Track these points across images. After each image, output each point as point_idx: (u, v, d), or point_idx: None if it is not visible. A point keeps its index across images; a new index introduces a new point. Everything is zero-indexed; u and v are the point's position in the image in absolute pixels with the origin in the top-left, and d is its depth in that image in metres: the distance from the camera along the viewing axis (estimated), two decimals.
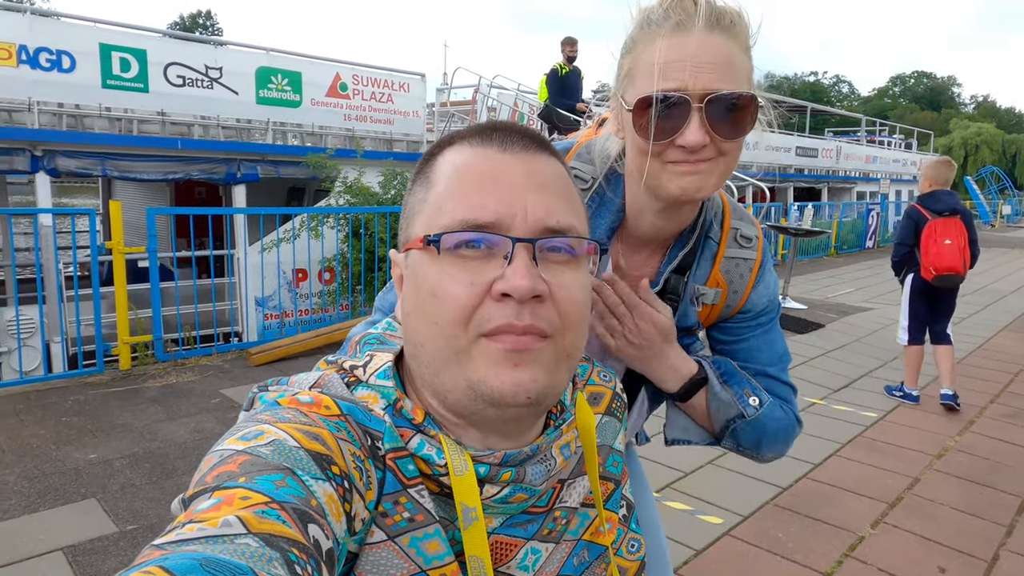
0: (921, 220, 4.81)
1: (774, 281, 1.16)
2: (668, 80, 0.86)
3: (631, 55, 0.93)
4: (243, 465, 0.49)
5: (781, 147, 15.95)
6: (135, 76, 6.68)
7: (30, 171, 6.11)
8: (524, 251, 0.59)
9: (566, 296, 0.61)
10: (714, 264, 1.10)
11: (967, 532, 3.20)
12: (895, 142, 25.75)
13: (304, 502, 0.48)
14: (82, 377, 4.97)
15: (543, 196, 0.62)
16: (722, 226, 1.11)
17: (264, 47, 7.83)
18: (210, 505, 0.45)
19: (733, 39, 0.88)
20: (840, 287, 10.71)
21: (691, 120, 0.86)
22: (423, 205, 0.64)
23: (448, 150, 0.66)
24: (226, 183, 7.40)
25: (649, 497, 1.41)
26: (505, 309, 0.58)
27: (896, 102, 70.41)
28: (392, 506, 0.59)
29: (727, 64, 0.87)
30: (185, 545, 0.41)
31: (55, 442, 3.83)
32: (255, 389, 0.64)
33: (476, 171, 0.62)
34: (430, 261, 0.61)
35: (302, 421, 0.55)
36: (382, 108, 8.64)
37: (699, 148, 0.88)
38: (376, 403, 0.63)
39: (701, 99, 0.86)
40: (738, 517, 3.26)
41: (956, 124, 50.13)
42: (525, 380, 0.59)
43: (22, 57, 6.02)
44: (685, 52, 0.86)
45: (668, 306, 1.06)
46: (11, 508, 3.09)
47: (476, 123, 0.68)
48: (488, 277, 0.59)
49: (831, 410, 4.87)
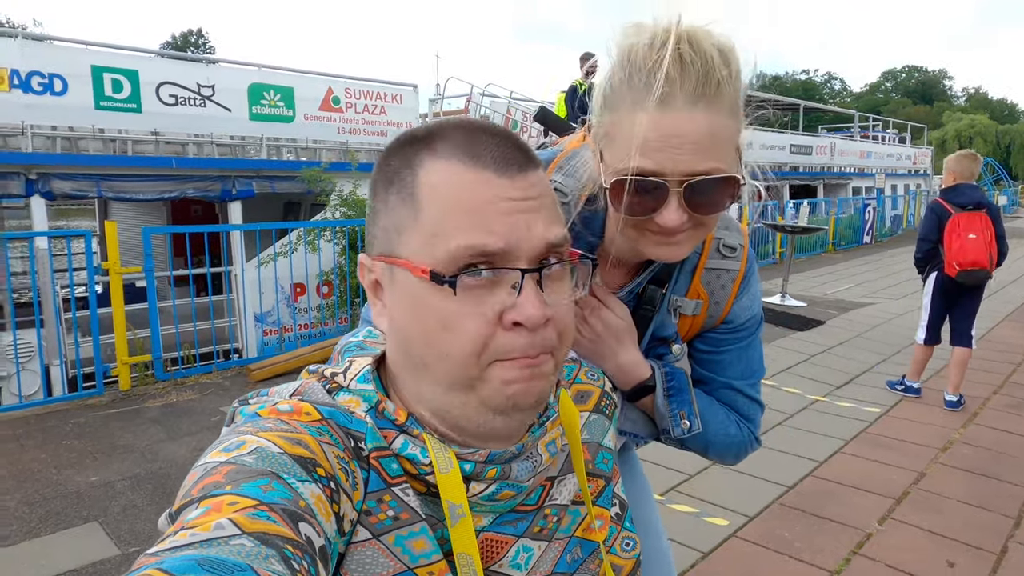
0: (944, 214, 4.68)
1: (758, 293, 1.16)
2: (647, 159, 0.83)
3: (611, 113, 0.89)
4: (228, 474, 0.49)
5: (776, 145, 15.98)
6: (128, 97, 6.69)
7: (25, 195, 6.12)
8: (532, 280, 0.60)
9: (563, 315, 0.63)
10: (695, 275, 1.09)
11: (975, 525, 3.18)
12: (889, 137, 25.79)
13: (292, 503, 0.48)
14: (82, 399, 4.96)
15: (541, 216, 0.62)
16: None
17: (256, 63, 7.86)
18: (199, 513, 0.45)
19: (718, 109, 0.83)
20: (839, 283, 10.71)
21: (669, 202, 0.85)
22: (413, 224, 0.61)
23: (430, 159, 0.62)
24: (222, 200, 7.40)
25: (650, 500, 1.40)
26: (518, 339, 0.59)
27: (888, 97, 70.63)
28: (376, 504, 0.59)
29: (710, 142, 0.83)
30: (180, 551, 0.41)
31: (56, 466, 3.81)
32: (235, 404, 0.63)
33: (475, 199, 0.60)
34: (433, 292, 0.59)
35: (283, 429, 0.56)
36: (375, 120, 8.66)
37: (676, 229, 0.87)
38: (358, 406, 0.63)
39: (680, 183, 0.84)
40: (744, 518, 3.24)
41: (949, 117, 50.30)
42: (535, 388, 0.61)
43: (14, 81, 6.04)
44: (666, 131, 0.82)
45: (624, 306, 1.06)
46: (12, 534, 3.07)
47: (454, 122, 0.65)
48: (497, 307, 0.59)
49: (834, 407, 4.86)
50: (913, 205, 21.25)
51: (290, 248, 6.54)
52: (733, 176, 0.86)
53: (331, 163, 7.62)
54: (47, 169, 6.17)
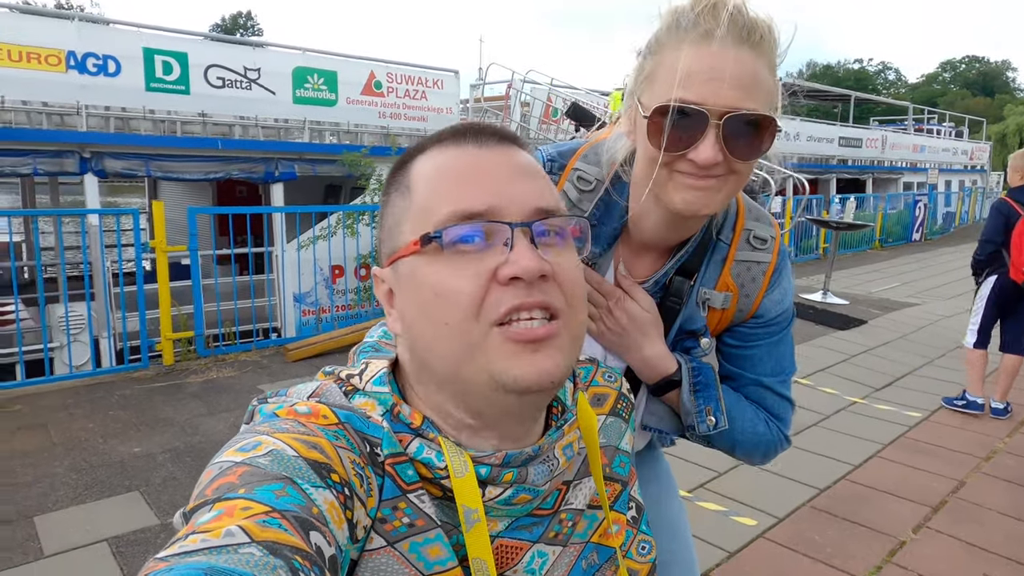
0: (1013, 215, 4.39)
1: (790, 288, 1.13)
2: (689, 91, 0.84)
3: (654, 56, 0.90)
4: (242, 476, 0.49)
5: (823, 137, 15.53)
6: (177, 79, 6.85)
7: (79, 172, 6.33)
8: (523, 234, 0.59)
9: (567, 275, 0.61)
10: (724, 267, 1.07)
11: (1016, 538, 3.09)
12: (945, 130, 24.81)
13: (305, 510, 0.48)
14: (128, 372, 5.15)
15: (527, 181, 0.63)
16: (734, 228, 1.08)
17: (300, 47, 7.94)
18: (211, 517, 0.45)
19: (760, 55, 0.85)
20: (885, 282, 10.40)
21: (707, 136, 0.84)
22: (407, 212, 0.64)
23: (421, 156, 0.66)
24: (264, 182, 7.54)
25: (675, 500, 1.39)
26: (515, 291, 0.58)
27: (946, 88, 67.86)
28: (391, 512, 0.58)
29: (752, 82, 0.84)
30: (189, 556, 0.41)
31: (102, 435, 3.97)
32: (255, 402, 0.64)
33: (458, 167, 0.63)
34: (427, 262, 0.60)
35: (300, 431, 0.56)
36: (416, 105, 8.69)
37: (711, 166, 0.86)
38: (374, 410, 0.63)
39: (720, 116, 0.84)
40: (773, 519, 3.20)
41: (1011, 110, 48.02)
42: (549, 366, 0.59)
43: (71, 63, 6.22)
44: (710, 64, 0.83)
45: (650, 298, 1.05)
46: (60, 499, 3.22)
47: (445, 128, 0.68)
48: (491, 266, 0.59)
49: (872, 409, 4.74)
50: (967, 202, 20.46)
51: (329, 231, 6.63)
52: (771, 117, 0.86)
53: (372, 147, 7.69)
54: (100, 148, 6.37)
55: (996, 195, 24.23)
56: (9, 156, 5.92)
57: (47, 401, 4.51)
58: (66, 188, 11.89)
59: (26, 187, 9.68)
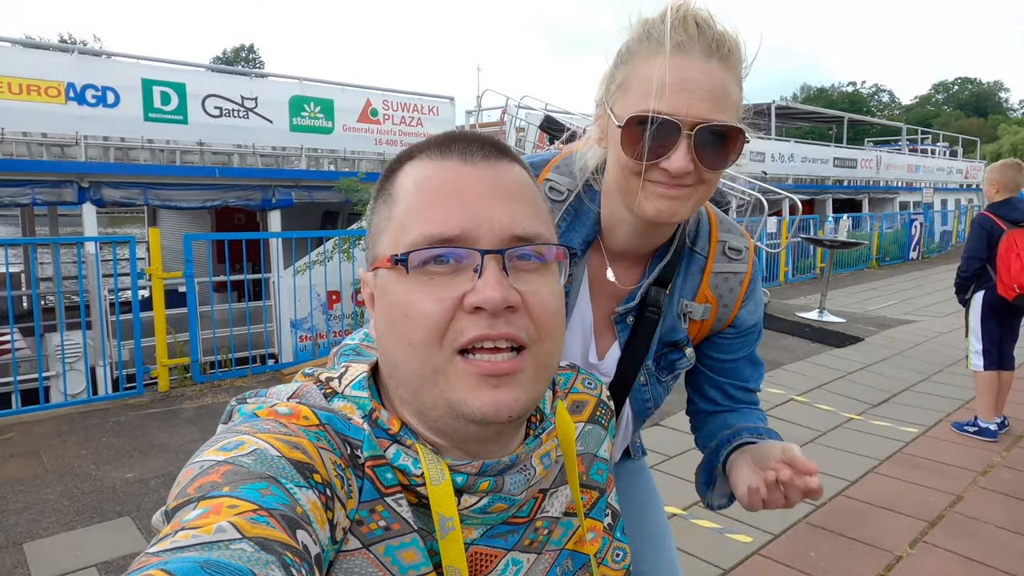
0: (996, 230, 4.28)
1: (761, 298, 1.16)
2: (661, 102, 0.86)
3: (626, 66, 0.92)
4: (225, 475, 0.49)
5: (818, 158, 15.67)
6: (175, 108, 6.96)
7: (78, 202, 6.39)
8: (494, 262, 0.58)
9: (539, 304, 0.60)
10: (703, 279, 1.09)
11: (1013, 552, 3.05)
12: (939, 150, 25.02)
13: (290, 509, 0.48)
14: (123, 399, 5.14)
15: (507, 205, 0.61)
16: (709, 239, 1.10)
17: (297, 76, 8.08)
18: (198, 514, 0.45)
19: (729, 68, 0.88)
20: (881, 300, 10.40)
21: (679, 146, 0.86)
22: (387, 223, 0.63)
23: (408, 164, 0.65)
24: (262, 209, 7.62)
25: (659, 510, 1.39)
26: (479, 321, 0.57)
27: (940, 109, 68.57)
28: (368, 514, 0.58)
29: (722, 94, 0.87)
30: (181, 552, 0.41)
31: (95, 462, 3.96)
32: (233, 402, 0.64)
33: (437, 185, 0.61)
34: (398, 280, 0.60)
35: (282, 431, 0.55)
36: (412, 132, 8.80)
37: (683, 175, 0.88)
38: (353, 413, 0.63)
39: (692, 126, 0.86)
40: (769, 536, 3.17)
41: (1005, 130, 48.51)
42: (508, 400, 0.58)
43: (70, 94, 6.33)
44: (682, 76, 0.86)
45: (813, 464, 0.86)
46: (51, 525, 3.20)
47: (436, 135, 0.67)
48: (458, 291, 0.58)
49: (869, 425, 4.72)
50: (963, 220, 20.55)
51: (325, 256, 6.67)
52: (739, 129, 0.88)
53: (368, 173, 7.77)
54: (99, 178, 6.45)
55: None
56: (8, 187, 5.99)
57: (41, 429, 4.49)
58: (67, 220, 11.98)
59: (26, 217, 9.76)
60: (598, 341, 1.11)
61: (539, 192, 0.68)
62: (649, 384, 1.13)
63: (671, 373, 1.13)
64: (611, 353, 1.11)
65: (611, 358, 1.11)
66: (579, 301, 1.08)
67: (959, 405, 5.19)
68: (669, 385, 1.16)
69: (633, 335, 1.09)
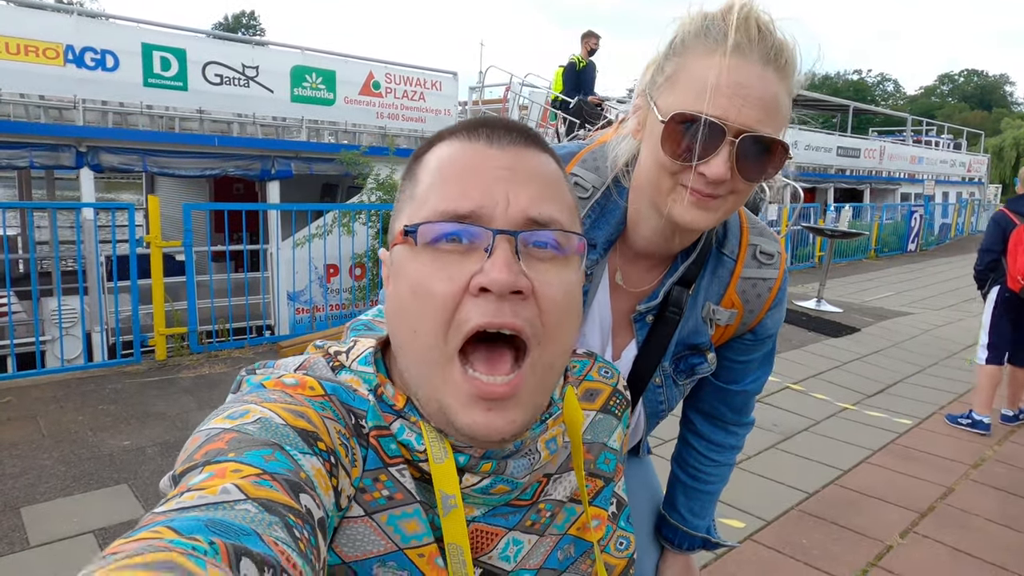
0: (1009, 225, 4.41)
1: (785, 303, 1.14)
2: (711, 103, 0.82)
3: (678, 58, 0.87)
4: (231, 442, 0.49)
5: (821, 147, 15.58)
6: (175, 75, 6.85)
7: (75, 166, 6.32)
8: (505, 243, 0.56)
9: (549, 296, 0.58)
10: (730, 283, 1.05)
11: (1001, 545, 3.09)
12: (943, 142, 24.91)
13: (294, 474, 0.48)
14: (120, 366, 5.13)
15: (527, 187, 0.59)
16: (740, 242, 1.06)
17: (299, 46, 7.95)
18: (204, 478, 0.45)
19: (783, 79, 0.85)
20: (878, 290, 10.43)
21: (720, 152, 0.83)
22: (409, 202, 0.63)
23: (436, 147, 0.64)
24: (261, 179, 7.54)
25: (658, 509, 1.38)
26: (484, 306, 0.55)
27: (944, 101, 68.22)
28: (372, 483, 0.59)
29: (773, 104, 0.84)
30: (187, 511, 0.42)
31: (92, 428, 3.96)
32: (243, 372, 0.64)
33: (459, 163, 0.61)
34: (410, 256, 0.59)
35: (287, 401, 0.56)
36: (414, 106, 8.70)
37: (718, 182, 0.85)
38: (359, 386, 0.63)
39: (737, 134, 0.82)
40: (761, 522, 3.21)
41: (1008, 124, 48.29)
42: (500, 424, 0.57)
43: (69, 56, 6.22)
44: (737, 79, 0.82)
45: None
46: (48, 491, 3.21)
47: (466, 120, 0.66)
48: (467, 271, 0.56)
49: (863, 416, 4.75)
50: (964, 214, 20.54)
51: (324, 230, 6.63)
52: (784, 143, 0.86)
53: (369, 147, 7.70)
54: (97, 143, 6.36)
55: (993, 207, 24.36)
56: (5, 149, 5.91)
57: (37, 393, 4.49)
58: (63, 184, 11.88)
59: (22, 181, 9.67)
60: (615, 339, 1.08)
61: (567, 183, 0.66)
62: (665, 386, 1.11)
63: (690, 377, 1.11)
64: (627, 352, 1.09)
65: (627, 357, 1.09)
66: (599, 298, 1.06)
67: (953, 398, 5.23)
68: (685, 388, 1.14)
69: (651, 334, 1.06)
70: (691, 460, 1.25)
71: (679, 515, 1.25)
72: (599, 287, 1.06)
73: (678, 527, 1.25)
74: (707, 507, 1.26)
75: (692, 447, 1.25)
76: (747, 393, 1.18)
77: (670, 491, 1.30)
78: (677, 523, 1.25)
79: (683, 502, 1.26)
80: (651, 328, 1.06)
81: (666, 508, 1.29)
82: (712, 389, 1.18)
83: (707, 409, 1.22)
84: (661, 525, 1.29)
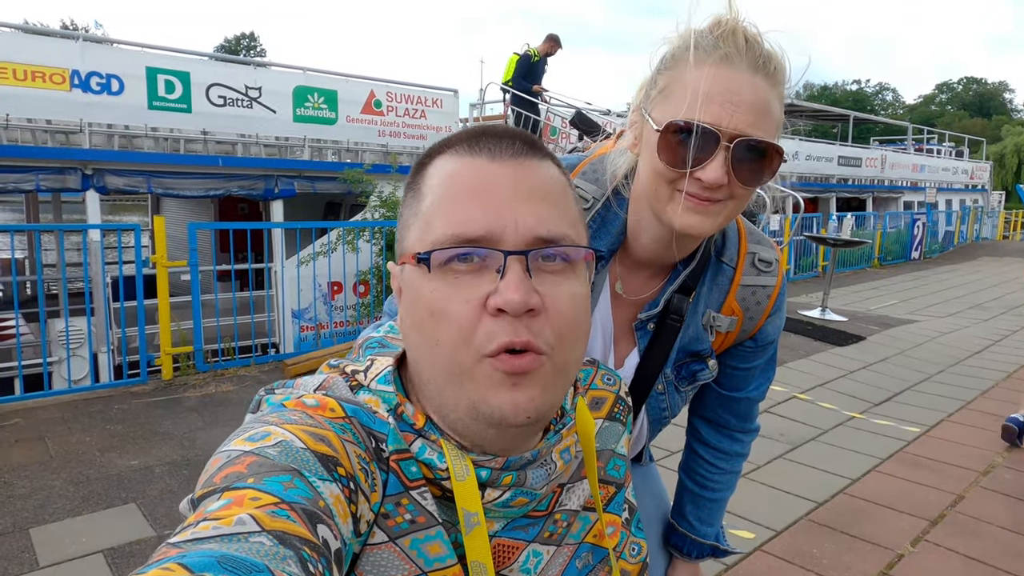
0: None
1: (785, 310, 1.16)
2: (703, 111, 0.85)
3: (669, 72, 0.90)
4: (251, 466, 0.49)
5: (822, 157, 15.63)
6: (179, 97, 6.94)
7: (81, 189, 6.38)
8: (517, 263, 0.58)
9: (559, 309, 0.59)
10: (730, 290, 1.07)
11: (1014, 552, 3.07)
12: (945, 150, 24.94)
13: (312, 503, 0.49)
14: (126, 386, 5.14)
15: (533, 205, 0.60)
16: (738, 250, 1.08)
17: (301, 67, 8.05)
18: (221, 505, 0.46)
19: (773, 86, 0.88)
20: (883, 299, 10.40)
21: (715, 157, 0.85)
22: (415, 218, 0.63)
23: (437, 159, 0.65)
24: (264, 199, 7.61)
25: (666, 515, 1.39)
26: (503, 325, 0.57)
27: (943, 110, 68.42)
28: (394, 507, 0.59)
29: (764, 109, 0.86)
30: (201, 543, 0.42)
31: (99, 448, 3.97)
32: (262, 392, 0.65)
33: (463, 183, 0.61)
34: (424, 278, 0.60)
35: (308, 423, 0.56)
36: (415, 124, 8.78)
37: (715, 187, 0.87)
38: (379, 407, 0.64)
39: (731, 139, 0.85)
40: (771, 532, 3.19)
41: (1008, 131, 48.39)
42: (523, 400, 0.58)
43: (74, 81, 6.31)
44: (727, 87, 0.85)
45: None
46: (57, 511, 3.21)
47: (466, 128, 0.67)
48: (482, 292, 0.58)
49: (871, 424, 4.73)
50: (966, 221, 20.51)
51: (328, 247, 6.67)
52: (778, 146, 0.88)
53: (372, 165, 7.76)
54: (102, 165, 6.43)
55: (996, 214, 24.32)
56: (13, 172, 5.99)
57: (45, 415, 4.50)
58: (70, 207, 11.97)
59: (30, 204, 9.76)
60: (617, 347, 1.10)
61: (571, 191, 0.67)
62: (667, 393, 1.13)
63: (691, 383, 1.13)
64: (629, 360, 1.10)
65: (629, 364, 1.10)
66: (600, 307, 1.07)
67: (960, 405, 5.20)
68: (687, 395, 1.16)
69: (653, 342, 1.08)
70: (698, 468, 1.26)
71: (688, 523, 1.26)
72: (600, 297, 1.07)
73: (687, 535, 1.26)
74: (715, 515, 1.27)
75: (699, 455, 1.26)
76: (750, 400, 1.20)
77: (678, 500, 1.30)
78: (686, 531, 1.26)
79: (691, 510, 1.26)
80: (653, 336, 1.08)
81: (675, 516, 1.30)
82: (716, 397, 1.20)
83: (712, 417, 1.23)
84: (670, 533, 1.30)
